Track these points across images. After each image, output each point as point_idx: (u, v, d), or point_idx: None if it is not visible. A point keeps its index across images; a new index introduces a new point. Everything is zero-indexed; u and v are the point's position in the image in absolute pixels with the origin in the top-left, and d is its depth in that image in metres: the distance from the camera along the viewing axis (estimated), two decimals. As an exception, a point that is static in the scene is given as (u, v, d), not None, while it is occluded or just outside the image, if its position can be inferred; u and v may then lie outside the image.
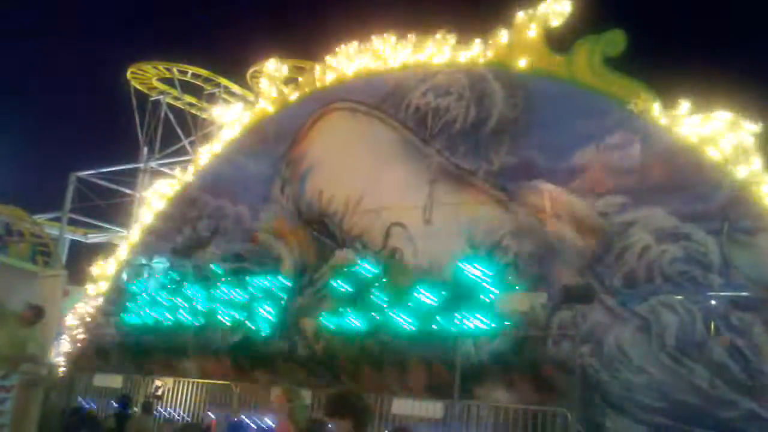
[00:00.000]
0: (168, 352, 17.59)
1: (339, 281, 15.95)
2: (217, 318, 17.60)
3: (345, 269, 16.01)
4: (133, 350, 18.25)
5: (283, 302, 16.82)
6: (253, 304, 17.13)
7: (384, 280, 15.35)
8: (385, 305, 15.04)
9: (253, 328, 16.92)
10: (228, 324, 17.40)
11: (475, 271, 14.11)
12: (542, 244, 13.95)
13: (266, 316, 16.87)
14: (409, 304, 14.67)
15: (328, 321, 15.76)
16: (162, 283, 19.01)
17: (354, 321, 15.33)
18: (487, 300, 13.68)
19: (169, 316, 18.47)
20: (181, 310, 18.33)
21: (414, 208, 15.90)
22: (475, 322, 13.63)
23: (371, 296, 15.29)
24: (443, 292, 14.24)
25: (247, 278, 17.47)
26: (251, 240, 18.39)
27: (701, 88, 13.30)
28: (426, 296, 14.43)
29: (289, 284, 16.94)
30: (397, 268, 15.35)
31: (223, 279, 17.84)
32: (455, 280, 14.17)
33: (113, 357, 18.47)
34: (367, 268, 15.75)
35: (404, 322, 14.65)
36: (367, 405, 5.24)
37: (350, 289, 15.74)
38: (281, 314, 16.73)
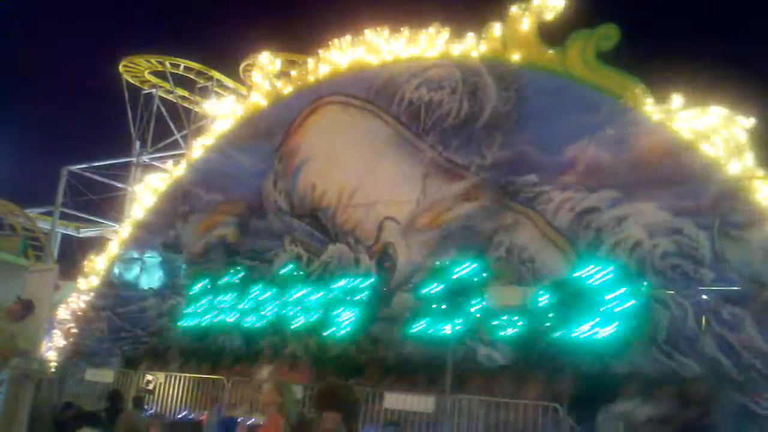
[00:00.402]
0: (238, 357, 16.80)
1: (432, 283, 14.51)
2: (289, 321, 16.48)
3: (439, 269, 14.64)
4: (198, 355, 17.35)
5: (363, 305, 15.65)
6: (330, 307, 15.97)
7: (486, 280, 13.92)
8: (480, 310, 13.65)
9: (334, 330, 15.78)
10: (301, 328, 16.31)
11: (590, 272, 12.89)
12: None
13: (346, 319, 15.73)
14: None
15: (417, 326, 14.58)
16: (225, 284, 17.93)
17: (447, 327, 13.87)
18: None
19: (231, 320, 17.45)
20: (246, 314, 17.24)
21: (407, 202, 15.90)
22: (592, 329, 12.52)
23: (468, 300, 13.83)
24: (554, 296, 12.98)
25: (327, 279, 16.50)
26: None
27: (694, 83, 13.30)
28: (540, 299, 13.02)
29: (371, 281, 15.84)
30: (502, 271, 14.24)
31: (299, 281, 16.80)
32: (568, 283, 13.01)
33: (172, 361, 17.49)
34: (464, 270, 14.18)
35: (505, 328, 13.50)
36: (356, 398, 5.24)
37: (444, 292, 14.17)
38: (363, 317, 15.60)
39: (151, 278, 19.46)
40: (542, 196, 14.27)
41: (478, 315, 13.54)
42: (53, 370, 18.44)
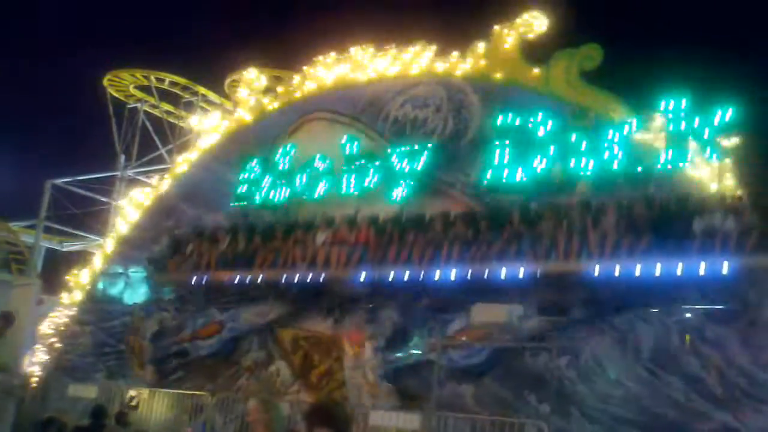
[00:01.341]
0: (292, 228, 16.60)
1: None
2: (341, 188, 16.70)
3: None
4: (253, 231, 17.16)
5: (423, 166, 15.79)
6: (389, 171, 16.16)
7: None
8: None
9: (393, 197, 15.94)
10: (356, 193, 16.49)
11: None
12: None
13: (406, 181, 15.91)
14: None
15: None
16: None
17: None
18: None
19: (287, 193, 17.56)
20: (300, 186, 17.41)
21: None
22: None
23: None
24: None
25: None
26: None
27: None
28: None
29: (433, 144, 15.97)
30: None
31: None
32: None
33: (222, 240, 17.42)
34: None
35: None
36: (348, 415, 5.25)
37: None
38: (422, 177, 15.81)
39: (135, 293, 19.36)
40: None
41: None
42: (35, 385, 18.34)
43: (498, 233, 13.76)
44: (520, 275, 13.02)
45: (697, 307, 11.78)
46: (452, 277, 13.72)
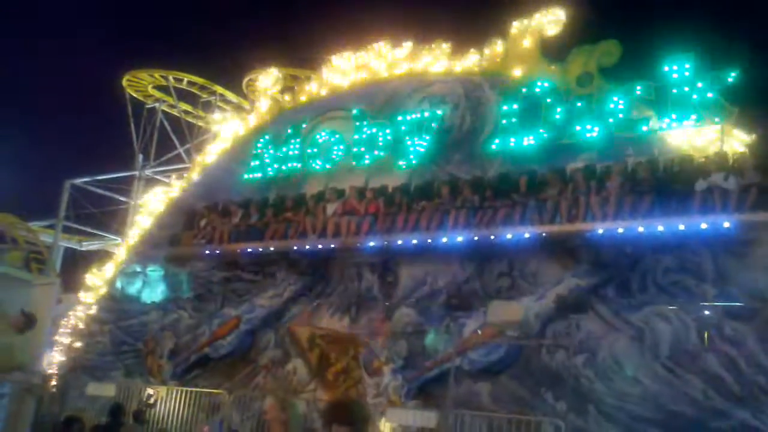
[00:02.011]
0: (303, 199, 17.14)
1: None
2: (351, 160, 17.17)
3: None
4: (265, 204, 17.72)
5: (435, 133, 16.21)
6: (400, 141, 16.55)
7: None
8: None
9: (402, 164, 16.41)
10: (369, 164, 16.93)
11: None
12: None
13: (417, 149, 16.28)
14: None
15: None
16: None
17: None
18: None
19: (297, 165, 18.11)
20: (311, 158, 17.90)
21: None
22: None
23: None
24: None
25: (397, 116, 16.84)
26: None
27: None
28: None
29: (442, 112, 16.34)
30: None
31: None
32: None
33: (234, 213, 17.92)
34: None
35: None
36: (367, 414, 5.20)
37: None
38: (435, 144, 16.19)
39: (154, 292, 19.45)
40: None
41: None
42: (55, 383, 18.45)
43: (505, 199, 14.02)
44: (526, 236, 13.34)
45: (716, 304, 11.65)
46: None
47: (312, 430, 13.16)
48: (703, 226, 11.74)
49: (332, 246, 15.72)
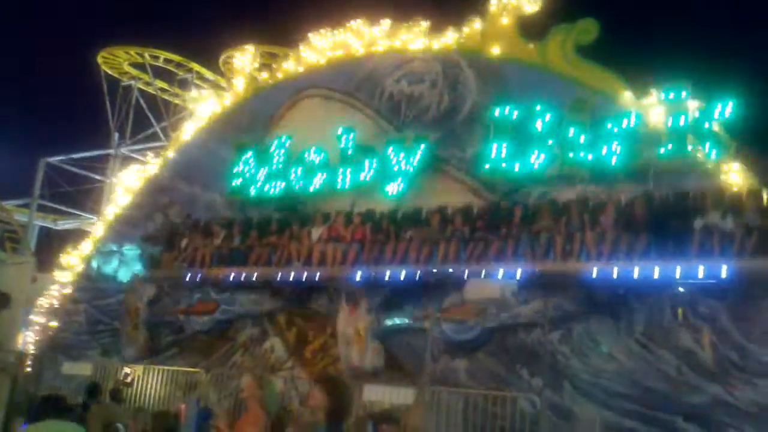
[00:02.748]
0: (288, 223, 16.50)
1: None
2: (336, 183, 16.50)
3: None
4: (249, 225, 17.03)
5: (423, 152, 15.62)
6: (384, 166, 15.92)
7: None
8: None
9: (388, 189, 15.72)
10: (352, 188, 16.27)
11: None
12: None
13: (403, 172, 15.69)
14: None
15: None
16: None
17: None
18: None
19: (282, 185, 17.31)
20: (295, 179, 17.13)
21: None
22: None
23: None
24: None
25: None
26: None
27: (673, 75, 13.35)
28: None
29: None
30: None
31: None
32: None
33: (216, 234, 17.28)
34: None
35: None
36: (347, 387, 5.25)
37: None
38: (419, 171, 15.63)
39: (130, 271, 19.34)
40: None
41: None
42: (30, 363, 18.34)
43: (497, 231, 13.64)
44: (518, 276, 12.91)
45: (690, 281, 11.75)
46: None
47: (286, 407, 13.17)
48: (700, 274, 11.46)
49: (317, 275, 15.19)
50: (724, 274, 11.24)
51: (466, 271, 13.43)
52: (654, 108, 13.35)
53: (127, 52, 29.98)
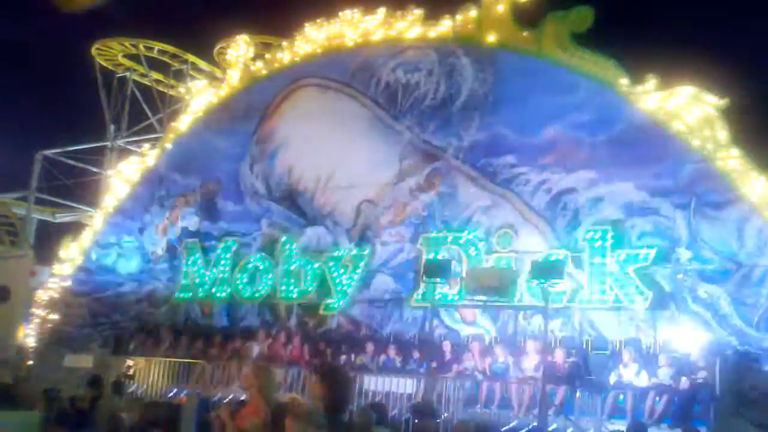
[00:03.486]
0: (232, 335, 16.59)
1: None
2: (281, 291, 16.67)
3: None
4: (195, 334, 17.15)
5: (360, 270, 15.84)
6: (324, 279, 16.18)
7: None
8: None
9: (331, 303, 15.96)
10: (296, 297, 16.50)
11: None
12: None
13: (343, 288, 15.94)
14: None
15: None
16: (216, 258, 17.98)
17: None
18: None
19: (227, 290, 17.51)
20: (241, 284, 17.35)
21: (385, 184, 15.94)
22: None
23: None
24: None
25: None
26: None
27: (670, 64, 13.36)
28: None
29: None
30: None
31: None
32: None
33: (163, 342, 17.19)
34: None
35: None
36: (347, 383, 5.25)
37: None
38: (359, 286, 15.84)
39: (128, 263, 19.36)
40: (520, 177, 14.37)
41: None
42: (31, 356, 18.37)
43: None
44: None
45: (689, 267, 11.80)
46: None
47: (288, 398, 13.16)
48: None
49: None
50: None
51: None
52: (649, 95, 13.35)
53: (122, 43, 29.79)
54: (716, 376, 10.53)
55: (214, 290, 17.72)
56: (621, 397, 11.44)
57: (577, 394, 11.53)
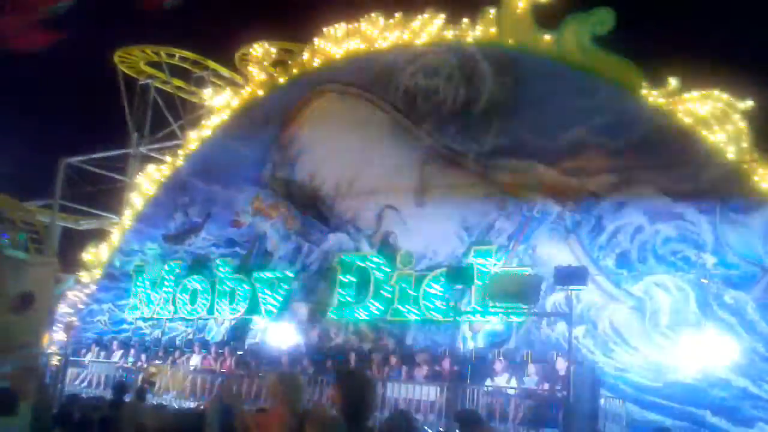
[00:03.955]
0: (173, 348, 17.64)
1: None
2: (216, 310, 17.82)
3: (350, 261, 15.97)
4: (145, 346, 18.10)
5: (286, 291, 16.96)
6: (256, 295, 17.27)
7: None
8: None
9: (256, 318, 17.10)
10: (229, 316, 17.59)
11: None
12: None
13: (270, 306, 16.99)
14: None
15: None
16: (159, 276, 19.01)
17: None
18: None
19: (170, 309, 18.59)
20: (180, 304, 18.43)
21: (406, 190, 15.88)
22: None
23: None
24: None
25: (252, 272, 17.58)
26: (234, 225, 18.49)
27: (692, 67, 13.23)
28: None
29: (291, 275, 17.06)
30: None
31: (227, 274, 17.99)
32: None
33: (120, 356, 18.00)
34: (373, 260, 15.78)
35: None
36: (367, 387, 5.09)
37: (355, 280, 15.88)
38: (284, 303, 16.86)
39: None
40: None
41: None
42: (56, 362, 18.46)
43: None
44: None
45: (715, 273, 11.66)
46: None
47: (313, 406, 13.15)
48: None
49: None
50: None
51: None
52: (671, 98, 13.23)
53: (144, 51, 29.94)
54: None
55: (159, 309, 18.86)
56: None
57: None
